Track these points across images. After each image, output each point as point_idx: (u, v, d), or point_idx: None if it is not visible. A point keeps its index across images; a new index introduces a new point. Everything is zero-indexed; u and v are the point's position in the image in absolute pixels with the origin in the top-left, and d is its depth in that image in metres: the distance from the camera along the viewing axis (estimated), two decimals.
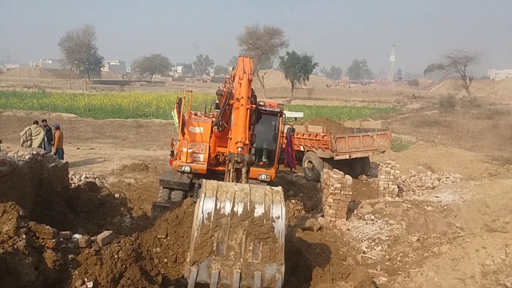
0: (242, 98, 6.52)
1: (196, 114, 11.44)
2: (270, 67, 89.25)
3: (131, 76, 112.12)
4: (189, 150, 9.97)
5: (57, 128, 15.41)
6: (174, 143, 10.96)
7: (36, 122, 15.42)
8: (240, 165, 5.46)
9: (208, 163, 10.08)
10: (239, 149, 5.81)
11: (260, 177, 10.08)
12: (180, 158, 10.10)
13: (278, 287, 4.80)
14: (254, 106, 7.14)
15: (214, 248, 4.76)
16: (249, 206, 4.82)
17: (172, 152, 10.82)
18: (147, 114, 36.08)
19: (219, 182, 5.06)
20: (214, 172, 10.21)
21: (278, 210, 4.86)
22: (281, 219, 4.85)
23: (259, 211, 4.82)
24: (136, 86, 78.68)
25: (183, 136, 10.30)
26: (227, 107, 7.68)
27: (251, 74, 6.69)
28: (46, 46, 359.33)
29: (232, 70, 9.87)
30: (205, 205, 4.79)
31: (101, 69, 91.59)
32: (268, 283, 4.82)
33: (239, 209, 4.79)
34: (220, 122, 8.07)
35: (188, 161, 9.93)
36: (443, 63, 67.95)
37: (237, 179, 5.52)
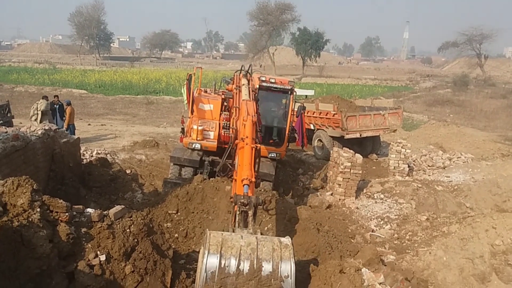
0: (247, 137, 6.27)
1: (206, 91, 11.40)
2: (281, 43, 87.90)
3: (141, 52, 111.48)
4: (200, 128, 10.00)
5: (68, 104, 15.50)
6: (185, 120, 10.98)
7: (44, 97, 15.48)
8: (247, 207, 5.08)
9: (218, 141, 10.10)
10: (245, 186, 5.39)
11: (270, 155, 10.10)
12: (190, 135, 10.14)
13: None
14: (259, 146, 6.90)
15: None
16: (256, 264, 4.47)
17: (183, 129, 10.86)
18: (157, 91, 36.06)
19: (224, 234, 4.65)
20: (223, 149, 10.25)
21: (288, 268, 4.50)
22: (290, 278, 4.50)
23: (266, 269, 4.47)
24: (146, 62, 78.40)
25: (192, 114, 10.31)
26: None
27: (254, 116, 6.61)
28: (56, 22, 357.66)
29: (236, 72, 9.98)
30: (208, 263, 4.40)
31: (111, 45, 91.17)
32: None
33: (245, 267, 4.44)
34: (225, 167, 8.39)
35: (198, 139, 9.97)
36: (458, 40, 66.16)
37: (243, 221, 5.07)
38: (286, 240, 4.69)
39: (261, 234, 4.96)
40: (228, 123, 10.01)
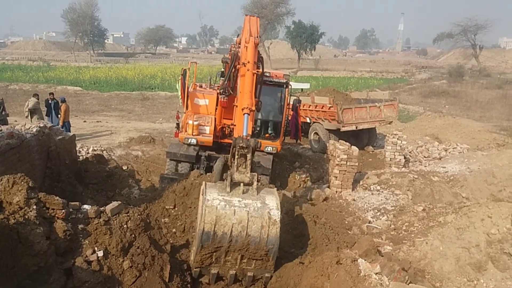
0: (248, 62, 6.31)
1: (201, 86, 11.35)
2: (276, 37, 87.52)
3: (135, 48, 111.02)
4: (195, 123, 9.96)
5: (63, 101, 15.42)
6: (180, 115, 10.94)
7: (35, 95, 15.43)
8: (246, 150, 5.47)
9: (214, 136, 10.08)
10: (246, 115, 5.81)
11: (266, 149, 10.09)
12: (186, 131, 10.11)
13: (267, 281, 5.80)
14: (260, 71, 6.94)
15: (213, 260, 5.49)
16: (245, 240, 5.19)
17: (178, 124, 10.83)
18: (152, 86, 35.91)
19: (219, 211, 5.16)
20: (220, 144, 10.23)
21: (273, 242, 5.25)
22: (275, 248, 5.32)
23: (254, 243, 5.24)
24: (140, 58, 78.00)
25: (187, 109, 10.27)
26: (233, 70, 7.53)
27: (257, 37, 6.44)
28: (49, 19, 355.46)
29: (238, 37, 9.64)
30: (203, 238, 5.15)
31: (105, 41, 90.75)
32: (258, 277, 5.79)
33: (236, 243, 5.21)
34: (226, 89, 7.96)
35: (194, 134, 9.95)
36: (453, 31, 66.22)
37: (242, 164, 5.56)
38: (275, 215, 5.26)
39: (258, 181, 5.60)
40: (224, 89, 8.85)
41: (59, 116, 15.16)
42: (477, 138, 17.13)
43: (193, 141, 9.92)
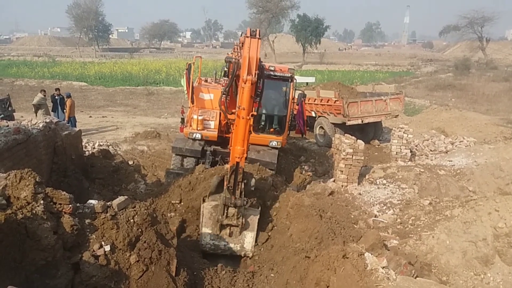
0: (244, 109, 6.45)
1: (206, 81, 11.33)
2: (280, 31, 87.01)
3: (140, 43, 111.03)
4: (200, 117, 9.95)
5: (68, 96, 15.48)
6: (185, 110, 10.94)
7: (42, 91, 15.53)
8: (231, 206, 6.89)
9: (218, 130, 10.07)
10: (237, 163, 6.69)
11: (270, 143, 10.08)
12: (190, 125, 10.11)
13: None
14: (255, 114, 7.17)
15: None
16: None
17: (183, 119, 10.83)
18: (157, 81, 35.95)
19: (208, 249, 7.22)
20: (224, 139, 10.22)
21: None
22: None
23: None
24: (145, 53, 78.07)
25: (192, 103, 10.26)
26: (235, 78, 7.53)
27: (255, 77, 6.45)
28: (54, 14, 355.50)
29: (241, 35, 9.59)
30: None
31: (110, 36, 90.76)
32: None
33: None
34: (228, 93, 8.03)
35: (199, 128, 9.94)
36: (459, 24, 65.40)
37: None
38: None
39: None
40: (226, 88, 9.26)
41: (65, 111, 15.23)
42: (484, 132, 16.99)
43: (198, 135, 9.92)
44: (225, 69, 10.28)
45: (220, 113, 10.17)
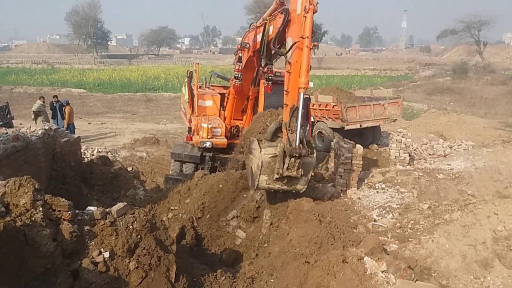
0: (307, 38, 5.97)
1: (200, 87, 11.35)
2: None
3: (138, 50, 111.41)
4: (209, 126, 9.88)
5: (67, 103, 15.51)
6: (192, 120, 10.88)
7: (41, 98, 15.58)
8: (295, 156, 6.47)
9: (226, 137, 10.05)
10: (301, 94, 6.15)
11: None
12: (199, 134, 10.02)
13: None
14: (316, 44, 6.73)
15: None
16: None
17: (190, 128, 10.78)
18: (156, 87, 36.02)
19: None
20: (230, 145, 10.18)
21: None
22: None
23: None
24: (144, 59, 78.28)
25: (193, 111, 10.24)
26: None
27: (317, 5, 5.91)
28: (53, 21, 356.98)
29: (241, 38, 9.62)
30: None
31: (109, 43, 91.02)
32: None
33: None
34: (240, 75, 8.11)
35: (208, 137, 9.86)
36: (457, 28, 65.74)
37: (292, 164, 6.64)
38: None
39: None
40: (239, 74, 9.13)
41: (64, 118, 15.25)
42: (482, 135, 17.03)
43: (208, 144, 9.80)
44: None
45: (224, 119, 10.17)
